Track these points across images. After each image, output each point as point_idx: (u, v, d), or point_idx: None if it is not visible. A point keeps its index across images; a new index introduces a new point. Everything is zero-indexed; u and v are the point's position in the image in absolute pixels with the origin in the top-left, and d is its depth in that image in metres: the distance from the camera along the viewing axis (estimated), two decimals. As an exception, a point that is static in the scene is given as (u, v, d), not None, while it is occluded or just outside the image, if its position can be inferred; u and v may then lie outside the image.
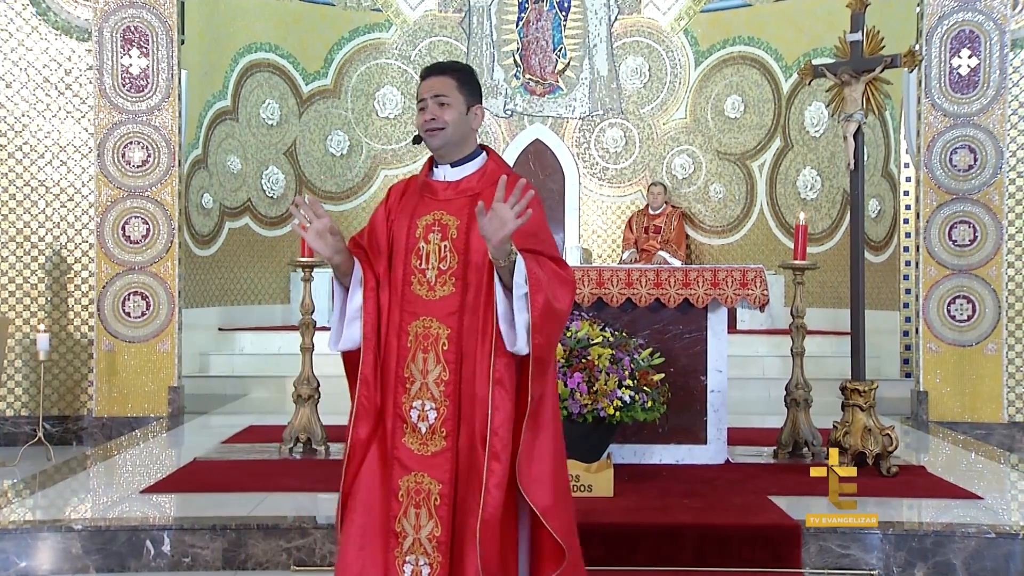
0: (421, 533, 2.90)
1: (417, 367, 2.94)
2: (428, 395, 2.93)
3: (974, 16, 7.65)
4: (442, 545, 2.89)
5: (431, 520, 2.90)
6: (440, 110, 2.96)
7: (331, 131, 10.98)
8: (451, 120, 2.97)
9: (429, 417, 2.93)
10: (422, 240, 2.97)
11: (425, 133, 2.98)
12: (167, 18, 7.76)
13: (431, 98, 2.97)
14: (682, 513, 4.72)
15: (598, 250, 11.40)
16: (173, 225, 7.75)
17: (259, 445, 6.41)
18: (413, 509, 2.91)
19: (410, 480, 2.92)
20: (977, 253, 7.64)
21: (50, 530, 4.52)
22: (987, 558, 4.43)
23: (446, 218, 2.97)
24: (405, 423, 2.94)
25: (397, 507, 2.92)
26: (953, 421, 7.60)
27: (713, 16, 11.00)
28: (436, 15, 11.25)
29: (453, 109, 2.97)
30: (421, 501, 2.90)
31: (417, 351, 2.94)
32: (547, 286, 2.84)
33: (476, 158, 3.06)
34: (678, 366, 5.76)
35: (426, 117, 2.97)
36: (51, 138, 7.79)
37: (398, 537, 2.92)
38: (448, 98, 2.97)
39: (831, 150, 10.06)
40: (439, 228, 2.96)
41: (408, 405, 2.94)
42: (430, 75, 3.03)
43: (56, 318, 7.77)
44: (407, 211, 3.02)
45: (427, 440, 2.92)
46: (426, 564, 2.90)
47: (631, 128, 11.36)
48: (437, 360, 2.93)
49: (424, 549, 2.90)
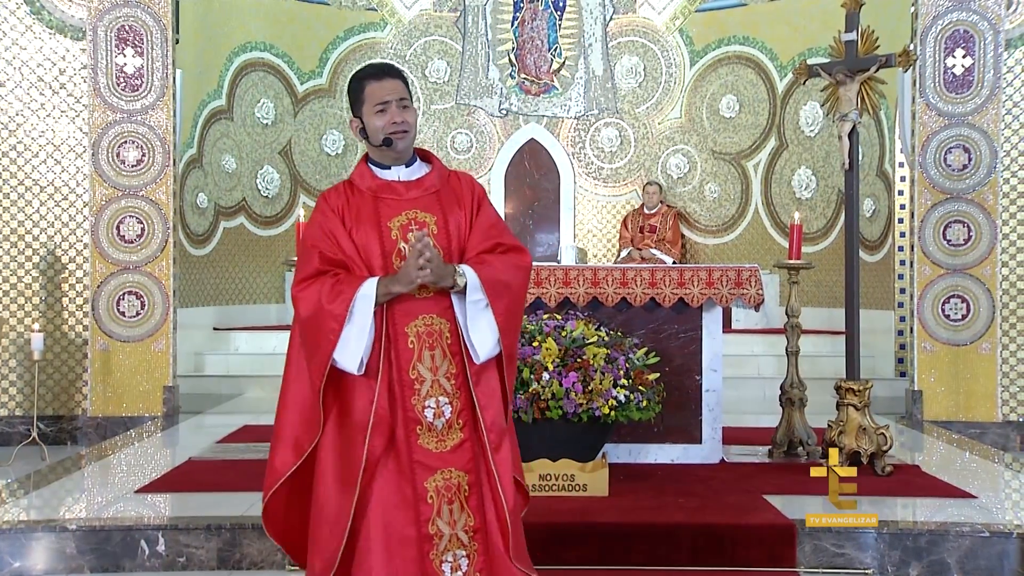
0: (457, 527, 2.95)
1: (426, 365, 2.96)
2: (441, 391, 2.96)
3: (968, 16, 7.66)
4: (478, 533, 2.96)
5: (464, 512, 2.95)
6: (405, 113, 3.01)
7: (326, 130, 10.97)
8: (413, 122, 3.05)
9: (445, 412, 2.96)
10: (401, 241, 2.97)
11: (393, 136, 3.00)
12: (161, 17, 7.75)
13: (396, 100, 3.00)
14: (677, 512, 4.73)
15: (593, 249, 11.41)
16: (168, 224, 7.74)
17: (254, 445, 6.39)
18: (447, 507, 2.94)
19: (437, 479, 2.94)
20: (971, 252, 7.65)
21: (44, 530, 4.51)
22: (981, 557, 4.44)
23: (422, 215, 3.00)
24: (419, 424, 2.95)
25: (428, 510, 2.92)
26: (947, 420, 7.61)
27: (708, 16, 11.01)
28: (431, 14, 11.24)
29: (412, 112, 3.05)
30: (453, 496, 2.94)
31: (423, 350, 2.96)
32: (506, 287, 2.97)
33: (416, 160, 3.13)
34: (673, 365, 5.76)
35: (395, 119, 2.99)
36: (45, 137, 7.77)
37: (433, 539, 2.93)
38: (407, 100, 3.03)
39: (826, 149, 10.07)
40: (417, 226, 2.98)
41: (421, 405, 2.95)
42: (385, 77, 3.03)
43: (50, 318, 7.76)
44: (365, 217, 2.99)
45: (444, 436, 2.96)
46: (464, 556, 2.95)
47: (626, 127, 11.37)
48: (444, 354, 2.97)
49: (461, 542, 2.95)
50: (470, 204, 3.07)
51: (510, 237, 3.11)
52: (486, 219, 3.06)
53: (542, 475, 4.96)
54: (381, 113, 2.99)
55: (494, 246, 3.04)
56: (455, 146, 11.35)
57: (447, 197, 3.05)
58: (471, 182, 3.14)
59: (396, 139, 3.00)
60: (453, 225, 3.01)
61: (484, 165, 11.35)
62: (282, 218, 10.62)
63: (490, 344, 2.96)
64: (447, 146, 11.28)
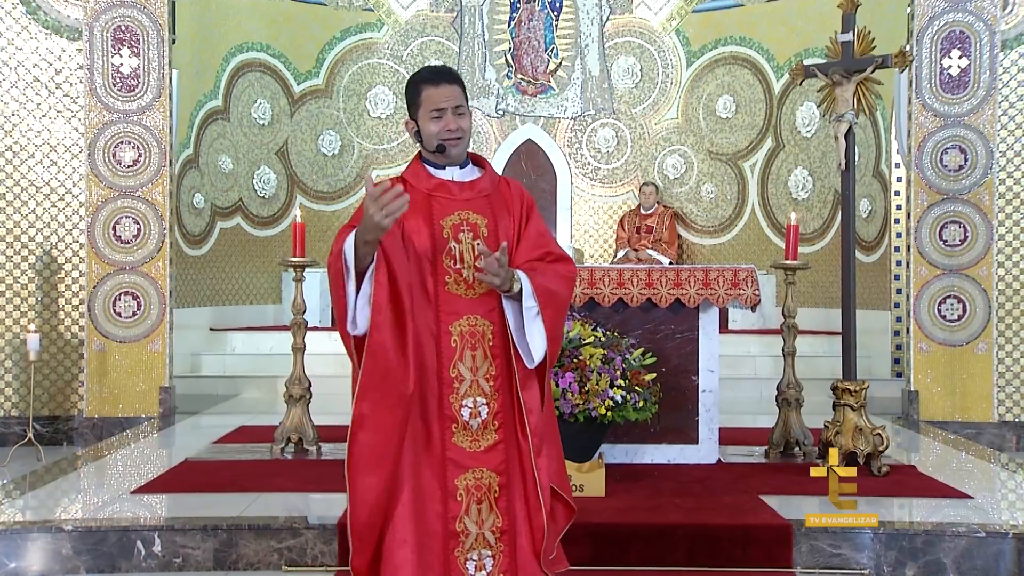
0: (484, 527, 2.99)
1: (466, 365, 3.00)
2: (479, 391, 3.00)
3: (964, 17, 7.67)
4: (505, 535, 3.00)
5: (492, 513, 2.99)
6: (460, 120, 3.04)
7: (323, 131, 10.96)
8: (468, 128, 3.09)
9: (481, 413, 3.00)
10: (452, 240, 3.01)
11: (447, 142, 3.03)
12: (158, 17, 7.74)
13: (452, 108, 3.02)
14: (673, 513, 4.73)
15: (590, 250, 11.42)
16: (164, 225, 7.73)
17: (250, 445, 6.39)
18: (475, 506, 2.98)
19: (468, 478, 2.98)
20: (968, 253, 7.66)
21: (40, 531, 4.50)
22: (977, 557, 4.44)
23: (473, 217, 3.05)
24: (455, 423, 2.98)
25: (457, 507, 2.97)
26: (943, 421, 7.62)
27: (704, 16, 11.02)
28: (428, 15, 11.25)
29: (468, 118, 3.09)
30: (483, 496, 2.99)
31: (465, 349, 3.00)
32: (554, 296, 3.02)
33: (470, 163, 3.17)
34: (670, 366, 5.76)
35: (450, 127, 3.02)
36: (41, 137, 7.77)
37: (459, 536, 2.97)
38: (463, 107, 3.06)
39: (822, 150, 10.08)
40: (469, 227, 3.03)
41: (458, 404, 2.99)
42: (443, 83, 3.05)
43: (46, 318, 7.75)
44: (419, 213, 3.01)
45: (479, 436, 3.00)
46: (489, 556, 2.99)
47: (623, 128, 11.37)
48: (485, 356, 3.02)
49: (487, 542, 2.99)
50: (519, 212, 3.13)
51: (557, 247, 3.17)
52: (535, 228, 3.13)
53: (539, 475, 4.95)
54: (436, 119, 3.02)
55: (544, 255, 3.10)
56: (452, 146, 11.34)
57: (498, 202, 3.11)
58: (521, 190, 3.19)
59: (450, 146, 3.04)
60: (503, 230, 3.06)
61: (481, 165, 11.34)
62: (279, 218, 10.61)
63: (542, 350, 3.01)
64: (444, 146, 11.26)
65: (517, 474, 3.03)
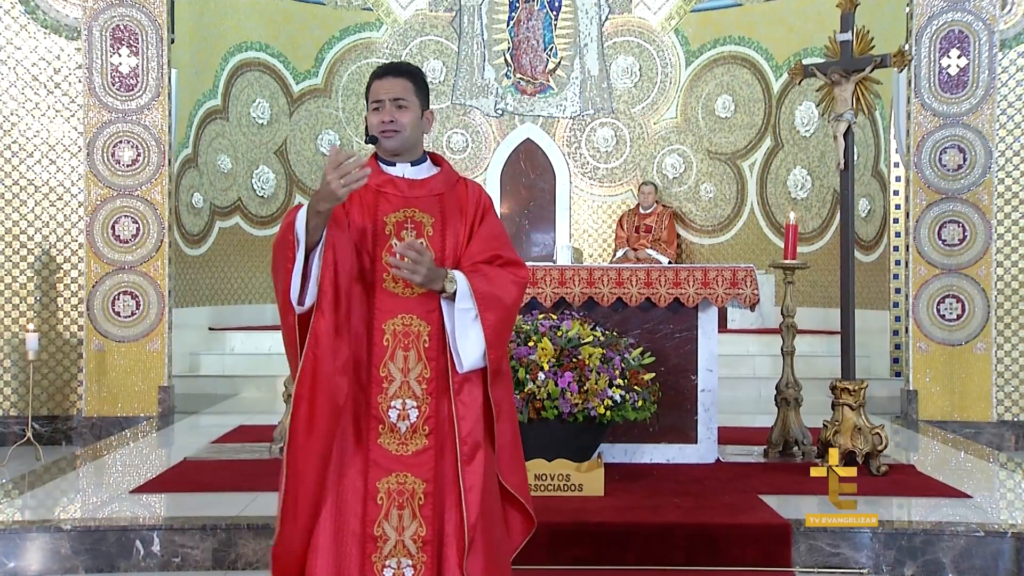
0: (404, 535, 2.87)
1: (397, 365, 2.90)
2: (409, 393, 2.90)
3: (963, 16, 7.67)
4: (428, 545, 2.87)
5: (415, 520, 2.87)
6: (398, 112, 2.96)
7: (322, 130, 10.96)
8: (407, 123, 2.98)
9: (411, 416, 2.89)
10: (394, 237, 2.92)
11: (381, 134, 2.97)
12: (157, 17, 7.74)
13: (390, 100, 2.96)
14: (672, 512, 4.73)
15: (589, 249, 11.42)
16: (163, 224, 7.73)
17: (249, 445, 6.39)
18: (396, 511, 2.86)
19: (391, 481, 2.87)
20: (966, 252, 7.67)
21: (39, 530, 4.50)
22: (976, 556, 4.45)
23: (419, 215, 2.96)
24: (382, 424, 2.89)
25: (376, 511, 2.86)
26: (942, 420, 7.62)
27: (703, 16, 11.02)
28: (427, 14, 11.24)
29: (410, 112, 2.99)
30: (405, 502, 2.87)
31: (396, 349, 2.90)
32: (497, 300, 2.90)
33: (426, 160, 3.08)
34: (669, 365, 5.76)
35: (384, 118, 2.96)
36: (40, 137, 7.76)
37: (377, 541, 2.86)
38: (406, 101, 2.98)
39: (821, 150, 10.08)
40: (412, 225, 2.94)
41: (386, 405, 2.89)
42: (387, 75, 3.00)
43: (45, 318, 7.74)
44: (363, 205, 2.95)
45: (407, 439, 2.89)
46: (409, 566, 2.86)
47: (622, 127, 11.37)
48: (419, 357, 2.91)
49: (407, 551, 2.86)
50: (472, 214, 3.02)
51: (510, 251, 3.04)
52: (488, 230, 3.01)
53: (538, 475, 4.96)
54: (376, 111, 2.98)
55: (492, 257, 2.98)
56: (451, 146, 11.35)
57: (450, 203, 3.00)
58: (478, 192, 3.08)
59: (383, 138, 2.97)
60: (451, 231, 2.96)
61: (480, 165, 11.35)
62: (278, 218, 10.60)
63: (476, 356, 2.89)
64: (443, 146, 11.28)
65: (449, 483, 2.89)
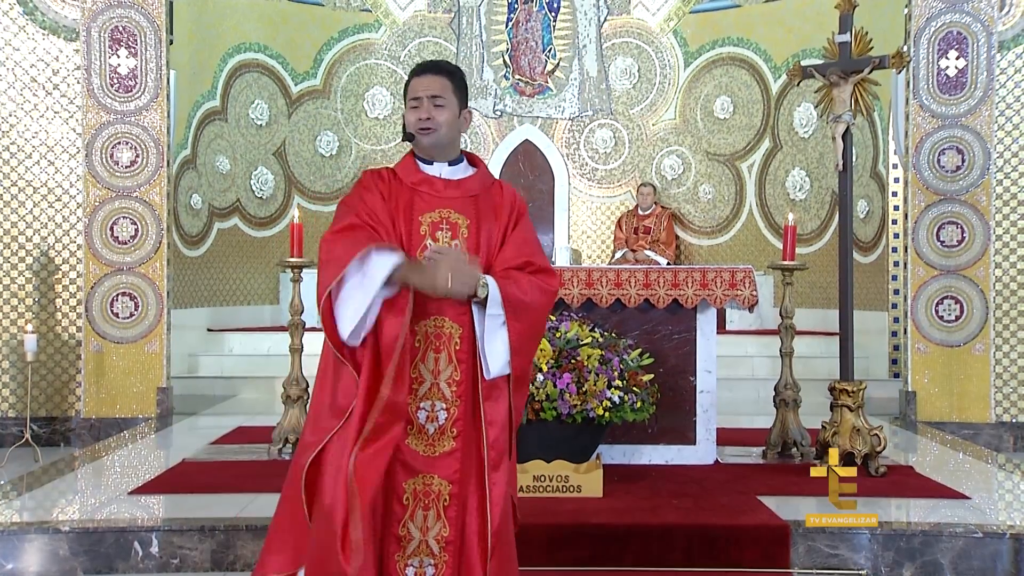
0: (428, 535, 2.88)
1: (428, 367, 2.90)
2: (439, 395, 2.91)
3: (962, 18, 7.68)
4: (450, 545, 2.88)
5: (439, 521, 2.88)
6: (435, 111, 2.96)
7: (320, 131, 10.96)
8: (444, 121, 2.97)
9: (439, 418, 2.90)
10: (429, 237, 2.92)
11: (418, 131, 2.97)
12: (155, 18, 7.73)
13: (427, 97, 2.96)
14: (671, 513, 4.73)
15: (587, 251, 11.42)
16: (162, 226, 7.73)
17: (248, 446, 6.39)
18: (421, 511, 2.88)
19: (417, 482, 2.88)
20: (965, 254, 7.67)
21: (37, 532, 4.49)
22: (974, 558, 4.45)
23: (455, 216, 2.96)
24: (410, 424, 2.89)
25: (402, 511, 2.87)
26: (941, 421, 7.62)
27: (702, 17, 11.03)
28: (425, 16, 11.25)
29: (447, 110, 2.98)
30: (430, 503, 2.88)
31: (428, 351, 2.90)
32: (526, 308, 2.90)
33: (463, 161, 3.08)
34: (667, 366, 5.76)
35: (421, 116, 2.95)
36: (39, 138, 7.76)
37: (401, 541, 2.87)
38: (443, 99, 2.97)
39: (820, 151, 10.09)
40: (448, 226, 2.94)
41: (415, 406, 2.89)
42: (426, 73, 3.01)
43: (44, 319, 7.74)
44: (400, 205, 2.95)
45: (434, 441, 2.90)
46: (431, 565, 2.88)
47: (620, 129, 11.38)
48: (449, 360, 2.91)
49: (430, 551, 2.88)
50: (507, 217, 3.01)
51: (542, 258, 3.04)
52: (521, 235, 3.00)
53: (536, 476, 4.95)
54: (414, 109, 2.97)
55: (524, 264, 2.97)
56: (449, 147, 11.35)
57: (485, 204, 3.00)
58: (513, 195, 3.08)
59: (420, 135, 2.97)
60: (485, 233, 2.96)
61: (478, 166, 11.35)
62: (276, 219, 10.61)
63: (501, 362, 2.89)
64: (441, 147, 11.27)
65: (473, 485, 2.91)
